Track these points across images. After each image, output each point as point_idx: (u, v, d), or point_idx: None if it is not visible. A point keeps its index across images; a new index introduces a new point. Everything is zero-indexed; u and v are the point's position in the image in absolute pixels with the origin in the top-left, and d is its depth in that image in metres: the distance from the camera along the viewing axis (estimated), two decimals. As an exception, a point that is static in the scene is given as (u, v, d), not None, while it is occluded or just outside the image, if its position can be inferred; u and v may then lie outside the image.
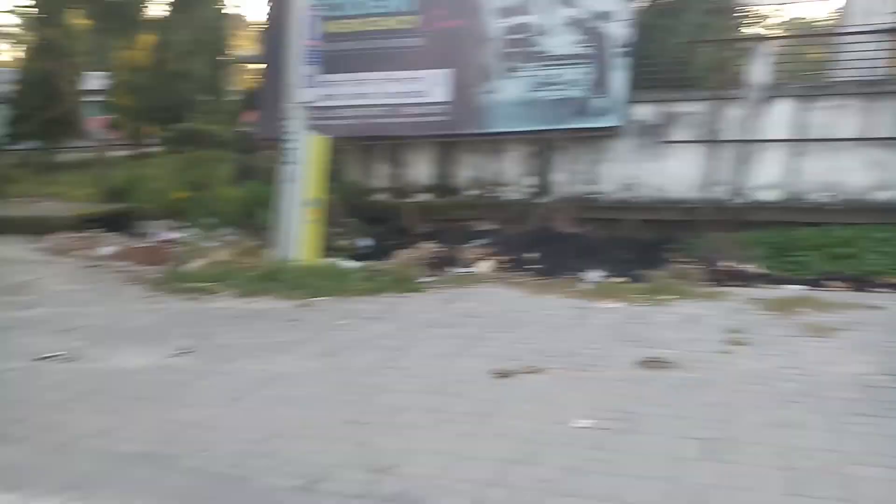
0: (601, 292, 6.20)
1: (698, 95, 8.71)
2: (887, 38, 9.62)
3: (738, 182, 8.67)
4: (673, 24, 9.06)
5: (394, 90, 9.56)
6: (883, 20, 12.48)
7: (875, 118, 8.20)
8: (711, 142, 8.68)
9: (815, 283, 6.60)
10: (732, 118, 8.60)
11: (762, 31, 10.60)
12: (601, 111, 8.84)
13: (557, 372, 4.57)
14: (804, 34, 12.68)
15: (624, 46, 8.66)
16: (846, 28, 14.84)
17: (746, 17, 10.18)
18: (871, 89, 8.28)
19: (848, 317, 5.45)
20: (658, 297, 5.93)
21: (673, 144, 8.87)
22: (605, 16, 8.75)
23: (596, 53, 8.81)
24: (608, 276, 6.82)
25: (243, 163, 10.70)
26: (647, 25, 9.05)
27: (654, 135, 8.97)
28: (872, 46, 8.93)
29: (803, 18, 16.68)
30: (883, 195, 8.32)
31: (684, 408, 4.07)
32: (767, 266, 7.14)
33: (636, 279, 6.60)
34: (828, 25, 16.56)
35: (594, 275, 6.89)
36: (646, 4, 9.49)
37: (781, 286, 6.46)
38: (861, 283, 6.65)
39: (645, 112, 8.95)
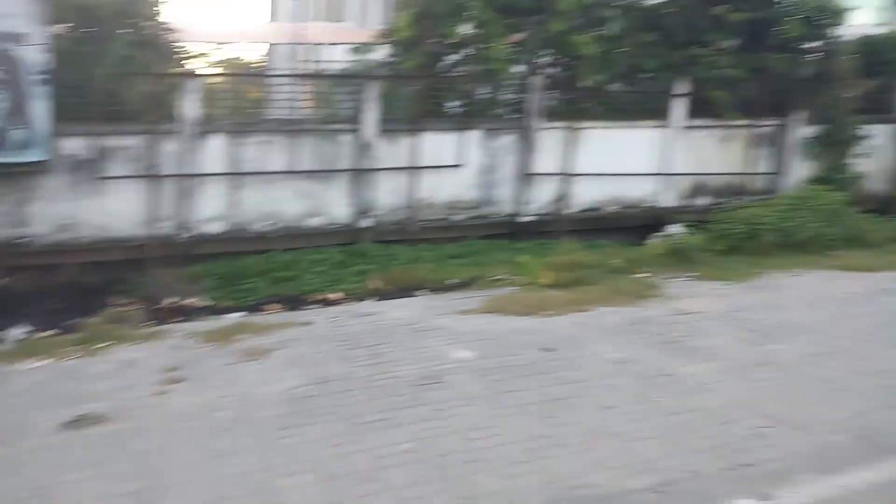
0: (24, 351, 5.36)
1: (133, 129, 8.40)
2: (302, 83, 10.94)
3: (183, 216, 8.64)
4: (97, 53, 8.54)
5: None
6: (297, 67, 14.29)
7: (299, 153, 9.16)
8: (152, 177, 8.47)
9: (256, 309, 6.94)
10: (170, 153, 8.54)
11: (198, 68, 10.88)
12: (22, 144, 7.76)
13: (-50, 460, 3.75)
14: (232, 73, 13.51)
15: (42, 74, 7.79)
16: (272, 71, 16.53)
17: (181, 53, 10.26)
18: (293, 127, 9.22)
19: (283, 336, 5.87)
20: (92, 347, 5.41)
21: (112, 180, 8.35)
22: (15, 38, 7.73)
23: (9, 80, 7.72)
24: (35, 331, 5.95)
25: None
26: (69, 53, 8.33)
27: (89, 170, 8.29)
28: (292, 89, 10.01)
29: (240, 59, 17.85)
30: (314, 221, 9.34)
31: (113, 463, 3.78)
32: (213, 297, 7.24)
33: (69, 330, 5.90)
34: (260, 67, 18.08)
35: (17, 332, 5.94)
36: (65, 31, 8.73)
37: (225, 316, 6.61)
38: (298, 302, 7.27)
39: (76, 146, 8.20)
